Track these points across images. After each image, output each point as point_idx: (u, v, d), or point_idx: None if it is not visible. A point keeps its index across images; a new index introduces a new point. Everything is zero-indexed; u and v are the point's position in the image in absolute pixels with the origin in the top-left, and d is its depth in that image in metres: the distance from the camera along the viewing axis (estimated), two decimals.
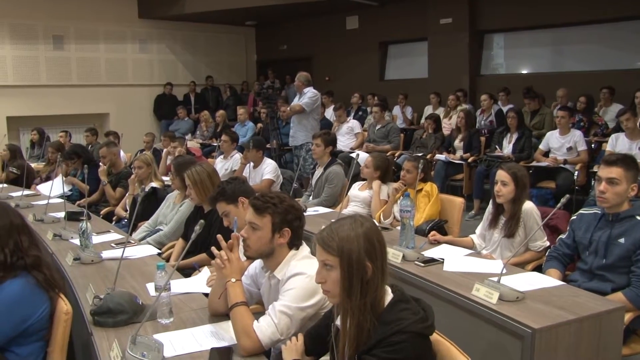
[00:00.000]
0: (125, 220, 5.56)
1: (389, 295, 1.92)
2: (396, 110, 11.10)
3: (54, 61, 12.42)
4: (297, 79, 7.80)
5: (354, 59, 12.89)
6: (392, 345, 1.79)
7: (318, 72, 8.30)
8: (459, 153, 7.96)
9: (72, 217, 4.63)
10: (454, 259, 3.43)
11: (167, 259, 3.97)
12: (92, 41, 12.84)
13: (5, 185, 6.99)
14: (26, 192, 6.30)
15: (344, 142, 9.12)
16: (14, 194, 6.21)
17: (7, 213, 2.52)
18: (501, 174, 3.69)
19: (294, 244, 2.53)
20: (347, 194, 5.16)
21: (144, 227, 4.76)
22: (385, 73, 12.94)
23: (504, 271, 2.82)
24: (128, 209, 5.61)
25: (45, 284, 2.47)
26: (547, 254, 3.53)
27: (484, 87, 10.46)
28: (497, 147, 7.61)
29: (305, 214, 2.84)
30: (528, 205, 3.68)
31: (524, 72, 10.90)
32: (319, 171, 5.77)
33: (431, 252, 3.57)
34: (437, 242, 3.78)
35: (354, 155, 6.41)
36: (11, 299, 2.36)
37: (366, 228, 1.91)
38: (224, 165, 7.03)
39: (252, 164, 6.33)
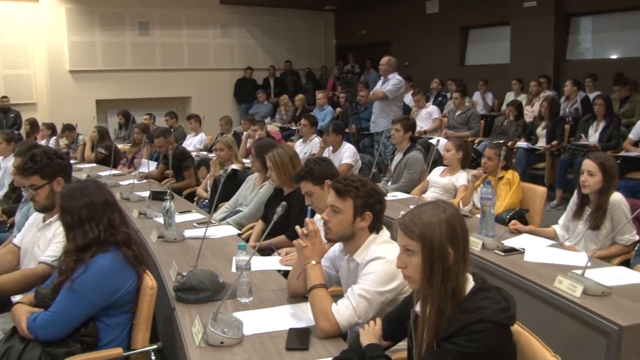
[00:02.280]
0: (206, 200, 5.72)
1: (470, 283, 1.89)
2: (476, 96, 10.85)
3: (140, 47, 12.86)
4: (385, 62, 7.64)
5: (434, 44, 12.66)
6: (472, 334, 1.76)
7: (397, 57, 8.19)
8: (542, 141, 7.71)
9: (156, 196, 4.80)
10: (535, 249, 3.34)
11: (246, 240, 4.04)
12: (175, 27, 13.20)
13: (94, 165, 7.31)
14: (113, 171, 6.58)
15: (423, 128, 9.01)
16: (102, 174, 6.49)
17: (101, 191, 2.64)
18: (588, 164, 3.55)
19: (375, 228, 2.53)
20: (426, 179, 5.11)
21: (224, 208, 4.88)
22: (466, 58, 12.64)
23: (589, 264, 2.73)
24: (209, 190, 5.76)
25: (134, 260, 2.58)
26: (636, 248, 3.38)
27: (570, 73, 10.04)
28: (582, 135, 7.31)
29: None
30: (616, 197, 3.52)
31: (614, 57, 10.37)
32: (398, 156, 5.72)
33: (511, 242, 3.49)
34: (518, 232, 3.70)
35: (433, 141, 6.32)
36: (102, 272, 2.49)
37: (449, 214, 1.88)
38: (303, 149, 7.10)
39: (331, 148, 6.36)
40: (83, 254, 2.50)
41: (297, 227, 2.54)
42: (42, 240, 3.14)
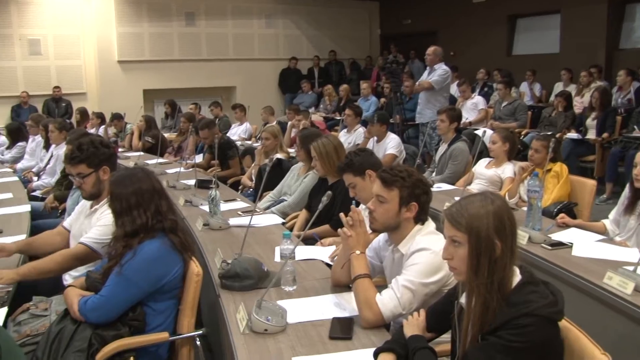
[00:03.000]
0: (251, 189, 5.77)
1: (517, 277, 1.86)
2: (524, 86, 10.65)
3: (186, 37, 13.02)
4: (432, 52, 7.55)
5: (480, 33, 12.45)
6: (518, 328, 1.74)
7: (443, 47, 8.07)
8: (591, 133, 7.52)
9: (201, 185, 4.86)
10: (583, 243, 3.26)
11: (290, 229, 4.07)
12: (220, 17, 13.31)
13: (141, 153, 7.46)
14: (160, 160, 6.69)
15: (468, 119, 8.89)
16: (149, 162, 6.61)
17: (149, 178, 2.69)
18: None
19: (420, 219, 2.51)
20: (471, 170, 5.04)
21: (268, 197, 4.92)
22: (513, 48, 12.41)
23: None
24: (253, 178, 5.81)
25: (180, 246, 2.63)
26: None
27: (623, 62, 9.74)
28: (635, 127, 7.11)
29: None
30: None
31: None
32: (442, 147, 5.67)
33: (559, 235, 3.42)
34: (566, 225, 3.61)
35: (479, 132, 6.24)
36: (149, 258, 2.54)
37: (497, 206, 1.86)
38: (347, 139, 7.09)
39: (375, 138, 6.34)
40: (131, 240, 2.55)
41: (342, 215, 2.54)
42: (89, 227, 3.22)
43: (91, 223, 3.19)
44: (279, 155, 5.51)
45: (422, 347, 1.97)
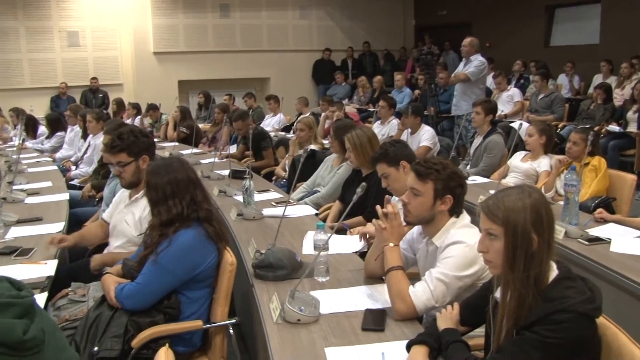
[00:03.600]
0: (284, 180, 5.79)
1: (554, 272, 1.83)
2: (561, 78, 10.44)
3: (220, 28, 13.10)
4: (468, 43, 7.44)
5: (517, 24, 12.23)
6: (554, 324, 1.71)
7: (478, 38, 7.96)
8: (632, 126, 7.34)
9: (235, 175, 4.90)
10: (622, 239, 3.20)
11: (323, 220, 4.07)
12: (255, 8, 13.34)
13: (176, 143, 7.53)
14: (194, 150, 6.75)
15: (504, 111, 8.77)
16: (184, 152, 6.67)
17: (185, 168, 2.72)
18: None
19: (455, 212, 2.49)
20: (507, 163, 4.98)
21: (301, 188, 4.93)
22: (551, 39, 12.16)
23: None
24: (287, 169, 5.83)
25: (215, 236, 2.65)
26: None
27: None
28: None
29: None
30: None
31: None
32: (477, 140, 5.61)
33: (597, 231, 3.35)
34: (604, 221, 3.54)
35: (515, 125, 6.15)
36: (185, 247, 2.57)
37: (534, 199, 1.83)
38: (380, 130, 7.05)
39: (409, 130, 6.31)
40: (167, 229, 2.59)
41: (378, 207, 2.53)
42: (129, 216, 3.27)
43: (133, 213, 3.25)
44: (313, 147, 5.51)
45: (456, 341, 1.96)
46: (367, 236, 3.01)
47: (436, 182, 2.44)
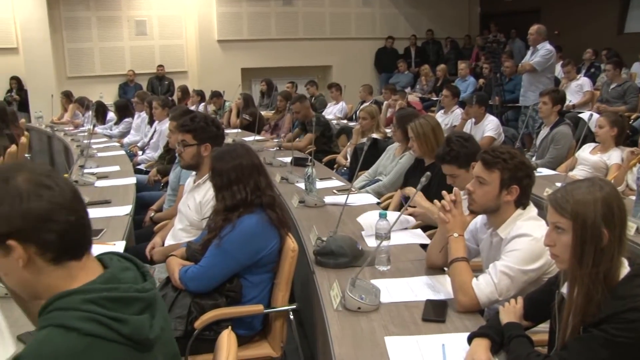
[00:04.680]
0: (345, 168, 5.79)
1: (625, 269, 1.77)
2: (636, 67, 9.98)
3: (283, 16, 13.14)
4: (535, 31, 7.20)
5: (588, 11, 11.78)
6: (624, 323, 1.65)
7: (546, 26, 7.69)
8: None
9: (298, 162, 4.93)
10: None
11: (385, 209, 4.05)
12: None
13: (239, 130, 7.63)
14: (257, 137, 6.82)
15: (572, 101, 8.49)
16: (246, 139, 6.75)
17: (249, 154, 2.76)
18: None
19: (522, 203, 2.42)
20: (575, 155, 4.83)
21: (363, 177, 4.92)
22: (626, 25, 11.66)
23: None
24: (349, 157, 5.83)
25: (277, 222, 2.68)
26: None
27: None
28: None
29: None
30: None
31: None
32: (544, 131, 5.45)
33: None
34: None
35: (584, 116, 5.96)
36: (248, 232, 2.61)
37: (606, 193, 1.76)
38: (443, 120, 6.96)
39: (473, 120, 6.20)
40: (231, 214, 2.63)
41: (444, 194, 2.50)
42: (191, 200, 3.35)
43: (195, 198, 3.32)
44: (375, 135, 5.49)
45: (519, 335, 1.92)
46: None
47: (503, 171, 2.38)
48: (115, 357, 1.25)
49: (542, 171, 4.81)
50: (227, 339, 1.78)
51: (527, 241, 2.27)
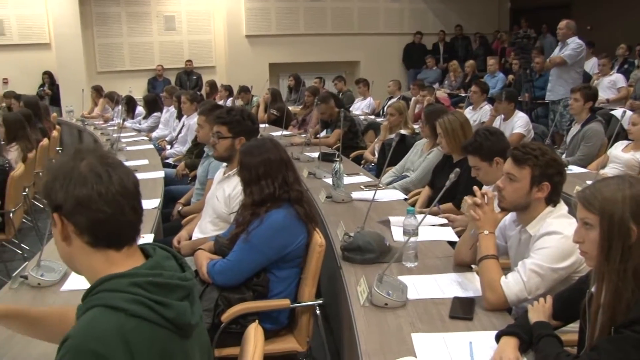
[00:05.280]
0: (373, 164, 5.77)
1: None
2: None
3: (311, 11, 13.15)
4: (564, 26, 7.11)
5: (621, 5, 11.51)
6: None
7: (578, 21, 7.54)
8: None
9: (325, 157, 4.93)
10: None
11: (412, 205, 4.03)
12: None
13: (266, 125, 7.65)
14: (284, 132, 6.84)
15: (604, 98, 8.34)
16: (274, 134, 6.77)
17: (277, 149, 2.77)
18: None
19: (552, 200, 2.39)
20: (606, 153, 4.74)
21: (390, 172, 4.90)
22: None
23: None
24: (376, 153, 5.81)
25: (305, 217, 2.68)
26: None
27: None
28: None
29: None
30: None
31: None
32: (575, 128, 5.37)
33: None
34: None
35: (617, 113, 5.85)
36: (275, 227, 2.62)
37: (636, 190, 1.73)
38: (472, 116, 6.89)
39: (502, 116, 6.13)
40: (259, 209, 2.64)
41: (468, 198, 2.48)
42: (220, 192, 3.37)
43: (224, 190, 3.34)
44: (403, 131, 5.46)
45: (548, 335, 1.89)
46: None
47: (534, 168, 2.35)
48: (158, 340, 1.30)
49: (573, 169, 4.74)
50: (254, 332, 1.79)
51: (557, 239, 2.24)
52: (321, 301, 2.75)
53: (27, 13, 11.63)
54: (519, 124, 6.06)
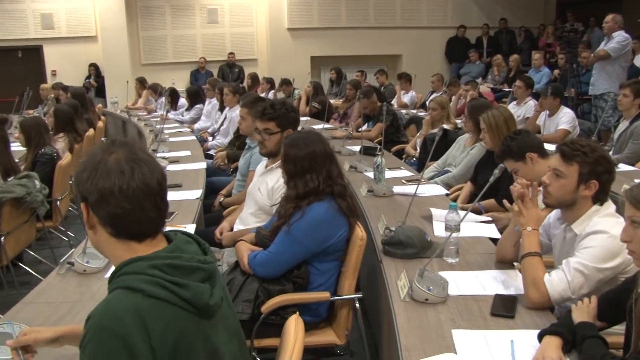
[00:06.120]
0: (414, 158, 5.74)
1: None
2: None
3: (354, 4, 13.14)
4: (610, 19, 6.95)
5: None
6: None
7: (628, 14, 7.32)
8: None
9: (366, 151, 4.92)
10: None
11: (454, 201, 3.99)
12: None
13: (308, 118, 7.67)
14: (326, 125, 6.83)
15: None
16: (315, 127, 6.78)
17: (322, 142, 2.77)
18: None
19: (599, 199, 2.33)
20: None
21: (432, 167, 4.86)
22: None
23: None
24: (418, 148, 5.78)
25: (347, 211, 2.69)
26: None
27: None
28: None
29: None
30: None
31: None
32: (623, 124, 5.23)
33: None
34: None
35: None
36: (317, 220, 2.63)
37: None
38: (516, 111, 6.76)
39: (547, 112, 6.01)
40: (301, 202, 2.65)
41: (513, 187, 2.44)
42: (263, 184, 3.39)
43: (267, 182, 3.36)
44: (445, 126, 5.42)
45: (593, 336, 1.85)
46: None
47: (582, 165, 2.30)
48: (175, 320, 1.35)
49: (620, 166, 4.62)
50: (294, 324, 1.80)
51: (603, 238, 2.19)
52: (361, 295, 2.75)
53: (75, 7, 11.94)
54: (564, 120, 5.94)
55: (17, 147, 4.97)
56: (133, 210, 1.39)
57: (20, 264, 4.54)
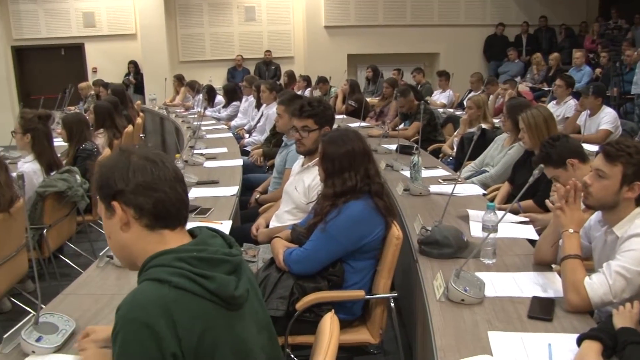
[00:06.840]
0: (451, 157, 5.69)
1: None
2: None
3: (391, 2, 13.06)
4: None
5: None
6: None
7: None
8: None
9: (403, 150, 4.89)
10: None
11: (491, 201, 3.95)
12: None
13: (344, 116, 7.66)
14: (362, 123, 6.83)
15: None
16: (352, 125, 6.77)
17: (360, 140, 2.77)
18: None
19: None
20: None
21: (469, 167, 4.81)
22: None
23: None
24: (455, 147, 5.73)
25: (384, 210, 2.67)
26: None
27: None
28: None
29: None
30: None
31: None
32: None
33: None
34: None
35: None
36: (353, 218, 2.62)
37: None
38: (556, 111, 6.65)
39: (588, 112, 5.89)
40: (338, 200, 2.65)
41: (556, 188, 2.40)
42: (300, 183, 3.40)
43: (303, 180, 3.37)
44: (483, 125, 5.35)
45: (635, 342, 1.81)
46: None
47: (626, 166, 2.24)
48: (200, 311, 1.39)
49: None
50: (330, 322, 1.79)
51: None
52: (396, 294, 2.74)
53: (116, 5, 12.16)
54: (605, 119, 5.81)
55: (59, 143, 5.06)
56: (173, 194, 1.48)
57: (61, 256, 4.66)
